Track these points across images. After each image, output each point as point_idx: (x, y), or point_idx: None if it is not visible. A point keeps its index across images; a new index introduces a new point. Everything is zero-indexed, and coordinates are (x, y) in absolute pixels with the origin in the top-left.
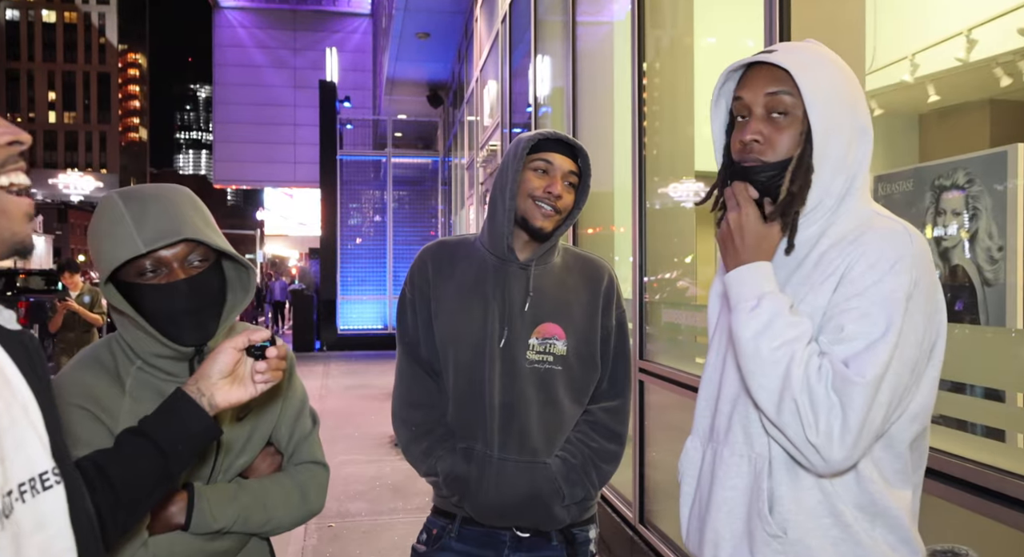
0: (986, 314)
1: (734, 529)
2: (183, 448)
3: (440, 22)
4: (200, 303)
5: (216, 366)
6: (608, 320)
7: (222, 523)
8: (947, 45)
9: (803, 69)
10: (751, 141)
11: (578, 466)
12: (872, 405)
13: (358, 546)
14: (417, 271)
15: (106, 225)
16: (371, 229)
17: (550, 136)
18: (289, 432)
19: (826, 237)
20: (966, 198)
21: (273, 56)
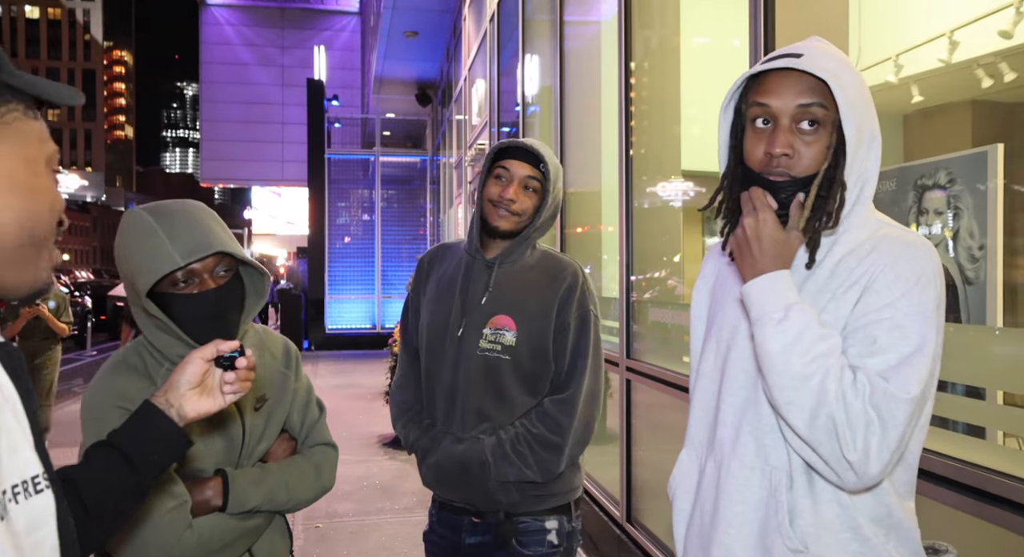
0: (967, 312)
1: (747, 545)
2: (153, 459)
3: (428, 21)
4: (226, 309)
5: (184, 376)
6: (565, 316)
7: (254, 502)
8: (930, 46)
9: (838, 80)
10: (781, 154)
11: (507, 443)
12: (912, 421)
13: (345, 546)
14: (416, 270)
15: (139, 239)
16: (359, 228)
17: (511, 145)
18: (301, 419)
19: (839, 244)
20: (948, 197)
21: (260, 54)
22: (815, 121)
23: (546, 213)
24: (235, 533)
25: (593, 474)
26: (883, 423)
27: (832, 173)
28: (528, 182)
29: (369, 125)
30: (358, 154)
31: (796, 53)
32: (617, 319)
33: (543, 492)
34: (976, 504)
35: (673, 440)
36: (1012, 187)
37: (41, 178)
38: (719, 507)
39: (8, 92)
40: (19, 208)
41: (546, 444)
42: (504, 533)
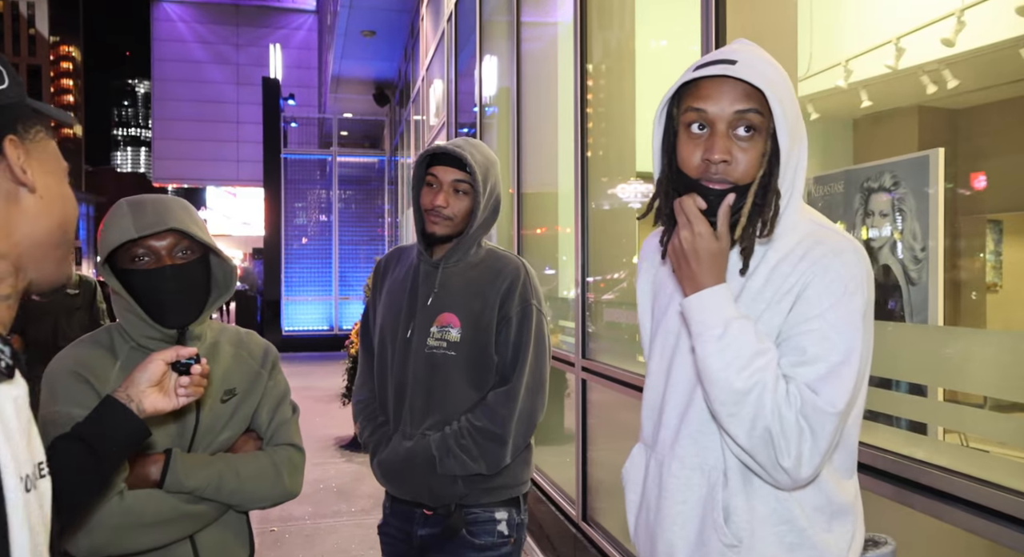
0: (911, 312)
1: (688, 540)
2: (115, 449)
3: (386, 20)
4: (182, 288)
5: (145, 374)
6: (507, 310)
7: (194, 484)
8: (878, 52)
9: (774, 88)
10: (720, 161)
11: (451, 437)
12: (839, 429)
13: (301, 549)
14: (374, 273)
15: (110, 221)
16: (316, 229)
17: (436, 151)
18: (269, 417)
19: (772, 251)
20: (893, 200)
21: (215, 51)
22: (751, 127)
23: (484, 212)
24: (171, 513)
25: (549, 473)
26: (814, 433)
27: (767, 181)
28: (457, 186)
29: (326, 125)
30: (315, 154)
31: (730, 59)
32: (573, 320)
33: (492, 485)
34: (917, 498)
35: (628, 439)
36: (954, 190)
37: (66, 188)
38: (662, 505)
39: (34, 116)
40: (58, 213)
41: (489, 436)
42: (454, 524)
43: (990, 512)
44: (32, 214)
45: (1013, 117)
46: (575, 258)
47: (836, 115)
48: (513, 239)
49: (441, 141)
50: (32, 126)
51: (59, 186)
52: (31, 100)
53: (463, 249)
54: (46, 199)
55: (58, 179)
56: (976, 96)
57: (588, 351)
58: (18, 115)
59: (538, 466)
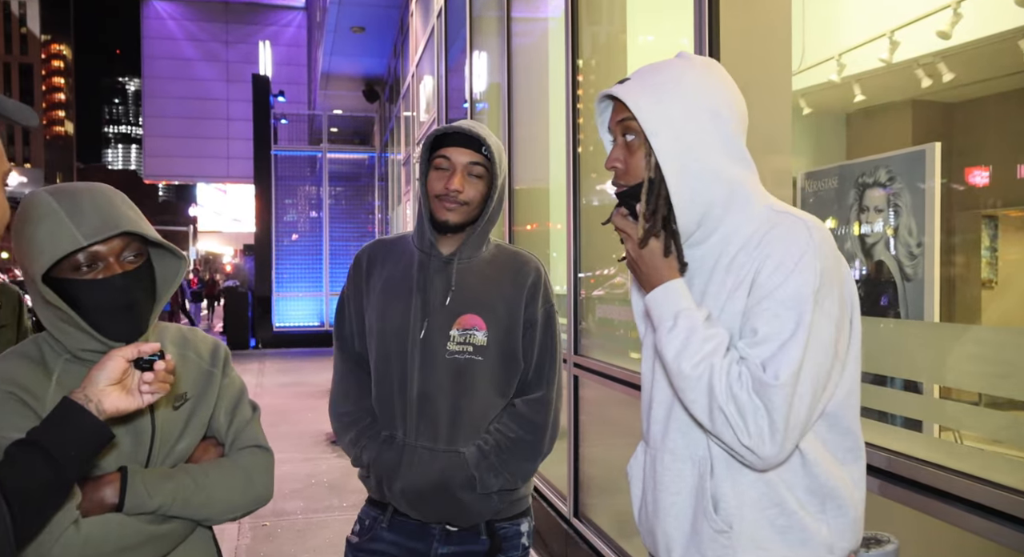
0: (906, 308)
1: (683, 530)
2: (75, 453)
3: (375, 16)
4: (135, 297)
5: (103, 373)
6: (532, 313)
7: (158, 501)
8: (872, 46)
9: (639, 96)
10: (612, 167)
11: (491, 452)
12: (792, 402)
13: (292, 544)
14: (354, 268)
15: (37, 219)
16: (307, 225)
17: (449, 131)
18: (228, 420)
19: (732, 244)
20: (888, 196)
21: (204, 49)
22: (631, 134)
23: (497, 199)
24: (136, 537)
25: (541, 470)
26: (768, 410)
27: (654, 181)
28: (472, 169)
29: (316, 121)
30: (305, 150)
31: (624, 79)
32: (565, 316)
33: (517, 496)
34: (913, 496)
35: (620, 436)
36: (949, 186)
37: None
38: (658, 498)
39: None
40: None
41: (526, 448)
42: (496, 545)
43: (985, 510)
44: None
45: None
46: (567, 254)
47: (829, 110)
48: (505, 235)
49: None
50: None
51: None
52: None
53: (477, 243)
54: None
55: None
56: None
57: (580, 347)
58: None
59: None
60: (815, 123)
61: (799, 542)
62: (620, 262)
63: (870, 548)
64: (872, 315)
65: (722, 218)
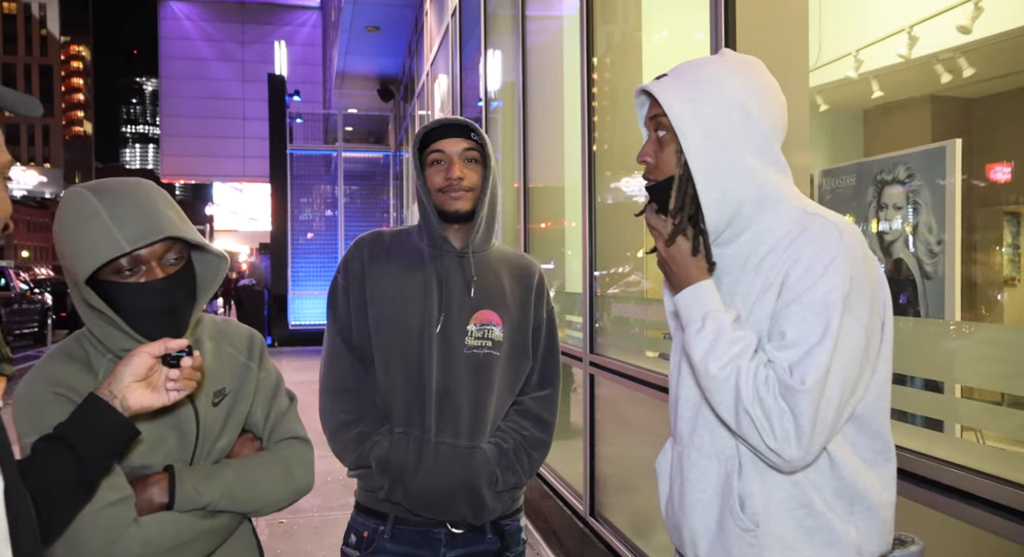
0: (926, 307)
1: (709, 527)
2: (100, 450)
3: (390, 15)
4: (178, 301)
5: (129, 369)
6: (539, 313)
7: (207, 498)
8: (890, 41)
9: (672, 93)
10: (643, 161)
11: (510, 451)
12: (819, 406)
13: (309, 542)
14: (352, 258)
15: (80, 222)
16: (322, 224)
17: (435, 125)
18: (265, 412)
19: (762, 244)
20: (907, 193)
21: (220, 49)
22: (662, 130)
23: (491, 183)
24: (190, 532)
25: (557, 469)
26: (794, 413)
27: (683, 178)
28: (467, 154)
29: (331, 120)
30: (320, 150)
31: (661, 74)
32: (580, 314)
33: (519, 492)
34: (935, 496)
35: (636, 434)
36: (970, 182)
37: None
38: (685, 494)
39: None
40: None
41: (537, 445)
42: (507, 543)
43: (1008, 511)
44: None
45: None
46: (583, 252)
47: (846, 106)
48: (520, 234)
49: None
50: None
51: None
52: None
53: (487, 233)
54: None
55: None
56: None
57: (596, 346)
58: None
59: (545, 461)
60: (832, 120)
61: (827, 544)
62: (649, 254)
63: (894, 549)
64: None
65: (752, 218)
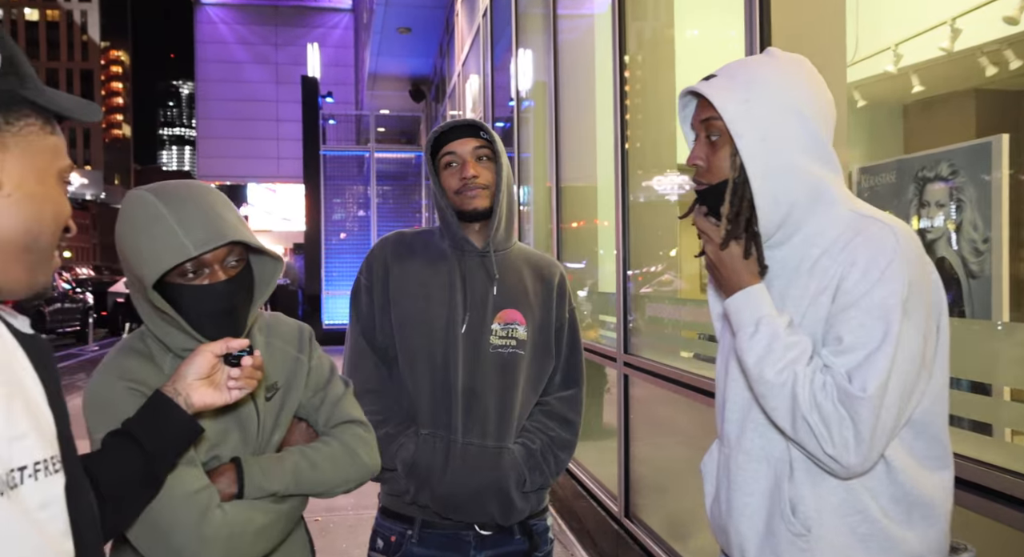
0: (971, 307)
1: (757, 530)
2: (165, 446)
3: (421, 16)
4: (237, 301)
5: (192, 368)
6: (562, 312)
7: (276, 485)
8: (931, 35)
9: (726, 95)
10: (694, 165)
11: (537, 452)
12: (879, 413)
13: (344, 540)
14: (375, 259)
15: (146, 225)
16: (355, 224)
17: (445, 128)
18: (320, 399)
19: (815, 247)
20: (950, 190)
21: (255, 52)
22: (715, 133)
23: (505, 181)
24: (268, 517)
25: (591, 469)
26: (853, 421)
27: (738, 182)
28: (479, 153)
29: (363, 121)
30: (353, 150)
31: (709, 76)
32: (614, 314)
33: (546, 492)
34: (984, 502)
35: (671, 435)
36: (1018, 178)
37: (50, 189)
38: (732, 497)
39: (28, 107)
40: (26, 215)
41: (563, 445)
42: (535, 543)
43: None
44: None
45: None
46: (616, 252)
47: (884, 102)
48: (552, 233)
49: None
50: (20, 118)
51: (38, 186)
52: (38, 92)
53: (507, 232)
54: (14, 198)
55: (40, 178)
56: None
57: (630, 346)
58: (1, 104)
59: (578, 460)
60: (870, 116)
61: (881, 550)
62: (697, 257)
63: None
64: None
65: (804, 220)
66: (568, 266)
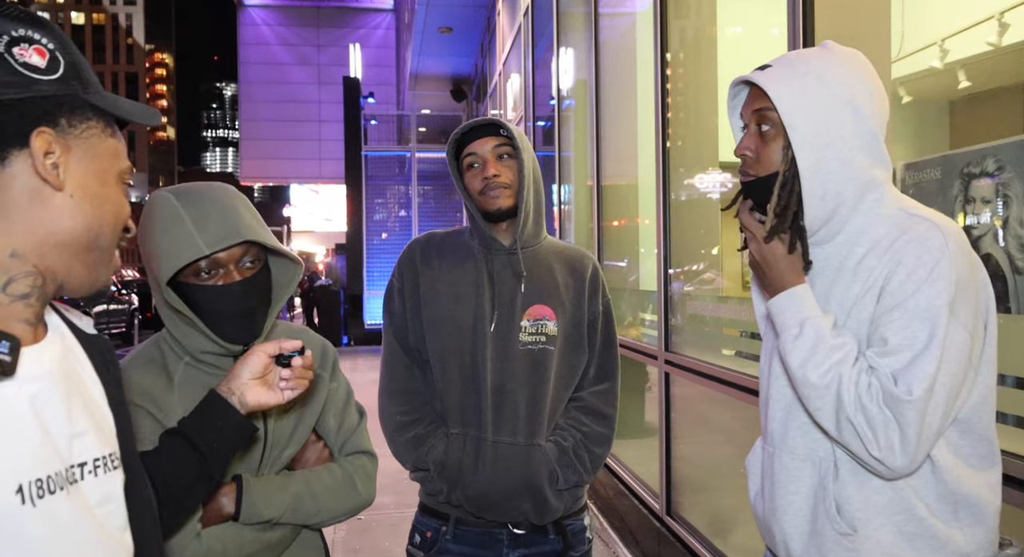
0: (1017, 303)
1: (801, 529)
2: (219, 446)
3: (462, 16)
4: (253, 304)
5: (247, 368)
6: (595, 305)
7: (272, 513)
8: (978, 29)
9: (783, 86)
10: (741, 155)
11: (570, 449)
12: (925, 416)
13: (387, 538)
14: (406, 260)
15: (164, 225)
16: (396, 224)
17: (463, 130)
18: (337, 424)
19: (859, 245)
20: (996, 186)
21: (297, 53)
22: (767, 124)
23: (530, 176)
24: (251, 546)
25: (632, 467)
26: (899, 423)
27: (788, 175)
28: (499, 151)
29: (405, 122)
30: (394, 150)
31: (764, 65)
32: (655, 312)
33: (582, 491)
34: None
35: (712, 433)
36: None
37: (110, 189)
38: (776, 495)
39: (90, 111)
40: (88, 215)
41: (599, 440)
42: (568, 542)
43: None
44: (55, 213)
45: None
46: (657, 250)
47: (930, 98)
48: (593, 231)
49: None
50: (82, 121)
51: (99, 187)
52: (99, 97)
53: (536, 229)
54: (76, 198)
55: (101, 180)
56: None
57: (671, 344)
58: (64, 108)
59: (619, 458)
60: (915, 112)
61: (929, 549)
62: (740, 251)
63: None
64: None
65: (849, 218)
66: (609, 264)
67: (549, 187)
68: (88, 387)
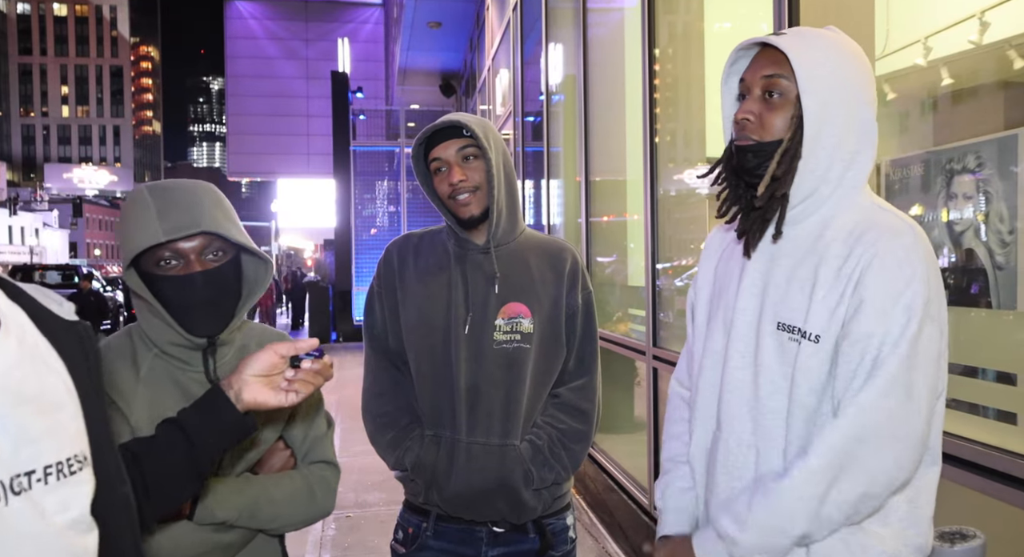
0: (997, 298)
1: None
2: (212, 440)
3: (451, 11)
4: (214, 296)
5: (252, 363)
6: (574, 299)
7: (227, 515)
8: (960, 27)
9: (803, 53)
10: (743, 119)
11: (545, 447)
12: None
13: (376, 535)
14: (383, 263)
15: (134, 214)
16: (386, 220)
17: (426, 134)
18: (304, 432)
19: (829, 228)
20: (977, 182)
21: (285, 47)
22: (780, 91)
23: (499, 172)
24: (203, 546)
25: (621, 463)
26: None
27: (795, 142)
28: (464, 153)
29: (394, 117)
30: (383, 146)
31: (782, 32)
32: (643, 307)
33: (564, 490)
34: (1007, 490)
35: None
36: None
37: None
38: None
39: None
40: None
41: (576, 438)
42: (547, 542)
43: None
44: None
45: None
46: (645, 245)
47: (914, 94)
48: (581, 227)
49: (507, 130)
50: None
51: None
52: None
53: (509, 225)
54: None
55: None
56: None
57: (659, 339)
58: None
59: (608, 454)
60: (899, 109)
61: (861, 549)
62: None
63: (955, 543)
64: (961, 305)
65: (825, 200)
66: (597, 260)
67: (538, 183)
68: (48, 389)
